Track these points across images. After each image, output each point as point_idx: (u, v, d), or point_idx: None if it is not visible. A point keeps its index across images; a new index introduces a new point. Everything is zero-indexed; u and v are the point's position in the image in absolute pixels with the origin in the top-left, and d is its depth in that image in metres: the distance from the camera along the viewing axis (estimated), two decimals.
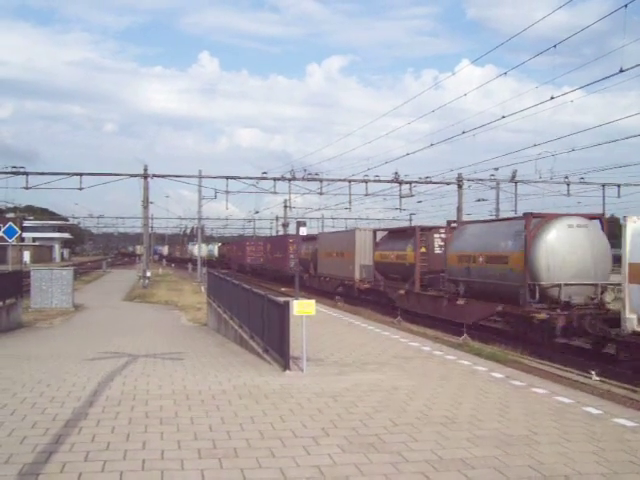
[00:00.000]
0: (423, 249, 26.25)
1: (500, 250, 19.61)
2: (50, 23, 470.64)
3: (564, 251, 17.93)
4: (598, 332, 16.28)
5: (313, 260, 39.59)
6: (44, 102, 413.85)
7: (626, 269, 14.50)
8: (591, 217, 19.25)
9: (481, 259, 20.55)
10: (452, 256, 22.61)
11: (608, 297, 16.97)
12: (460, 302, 21.68)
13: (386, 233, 31.66)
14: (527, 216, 18.94)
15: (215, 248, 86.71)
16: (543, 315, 17.42)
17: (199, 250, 58.66)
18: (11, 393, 8.56)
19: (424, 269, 25.85)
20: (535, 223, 18.48)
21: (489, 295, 20.19)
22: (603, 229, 18.80)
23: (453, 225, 24.67)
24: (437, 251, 25.93)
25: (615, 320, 15.18)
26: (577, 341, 17.91)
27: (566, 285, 17.59)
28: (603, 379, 13.80)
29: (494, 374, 10.13)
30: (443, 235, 25.49)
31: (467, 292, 21.68)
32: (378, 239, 30.92)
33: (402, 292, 26.97)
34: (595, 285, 17.73)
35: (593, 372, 14.08)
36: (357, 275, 32.22)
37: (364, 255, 31.85)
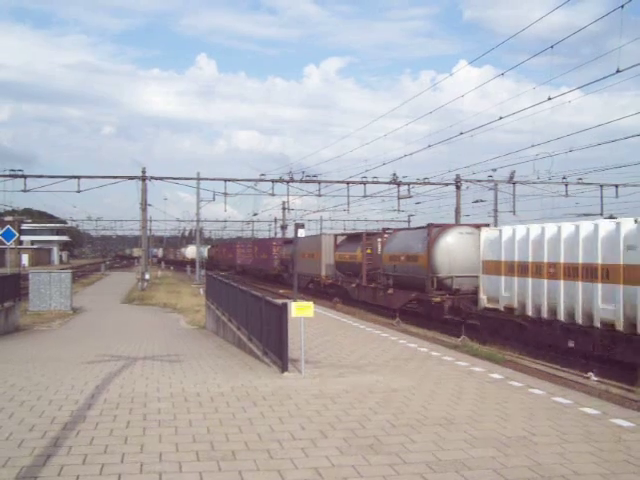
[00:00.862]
0: (369, 251, 31.53)
1: (414, 251, 25.74)
2: (48, 26, 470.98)
3: (455, 252, 23.71)
4: (468, 310, 21.74)
5: (291, 260, 44.65)
6: (42, 105, 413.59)
7: (481, 264, 20.40)
8: (478, 226, 23.91)
9: (403, 258, 26.73)
10: (385, 256, 28.59)
11: None
12: (390, 292, 27.63)
13: (344, 237, 37.57)
14: (429, 226, 25.38)
15: (205, 250, 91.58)
16: (438, 299, 23.36)
17: (198, 252, 58.61)
18: (9, 396, 8.56)
19: (369, 267, 31.04)
20: (435, 231, 24.62)
21: (408, 286, 26.15)
22: None
23: (387, 231, 30.86)
24: (379, 252, 30.39)
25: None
26: (472, 320, 21.94)
27: (456, 277, 23.42)
28: (600, 379, 13.83)
29: (492, 375, 10.15)
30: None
31: (395, 284, 27.43)
32: (338, 242, 36.80)
33: (354, 285, 32.64)
34: (478, 277, 21.74)
35: (591, 373, 14.11)
36: (323, 272, 38.11)
37: (328, 256, 37.58)
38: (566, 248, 16.33)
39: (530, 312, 17.75)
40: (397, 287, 26.99)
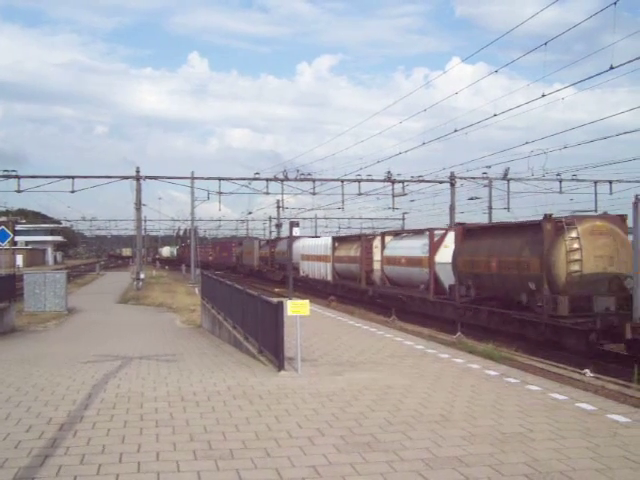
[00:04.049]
0: (273, 250, 53.84)
1: (285, 249, 45.20)
2: (38, 25, 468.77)
3: (305, 250, 42.79)
4: (300, 279, 42.86)
5: (241, 256, 69.06)
6: (34, 105, 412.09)
7: (301, 256, 42.45)
8: (318, 237, 49.00)
9: (282, 253, 48.74)
10: (277, 252, 52.27)
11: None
12: (278, 272, 50.99)
13: (265, 242, 62.37)
14: (290, 237, 40.17)
15: (175, 250, 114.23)
16: (295, 275, 38.59)
17: (194, 251, 58.45)
18: (5, 397, 8.54)
19: (272, 259, 54.35)
20: (294, 239, 40.25)
21: (283, 268, 46.12)
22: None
23: (279, 238, 54.81)
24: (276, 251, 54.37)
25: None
26: (301, 282, 43.34)
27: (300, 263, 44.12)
28: (596, 375, 13.86)
29: (488, 372, 10.18)
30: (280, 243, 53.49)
31: (279, 268, 50.64)
32: (261, 245, 61.40)
33: (266, 270, 56.18)
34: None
35: (587, 370, 14.13)
36: (255, 263, 61.12)
37: (257, 253, 60.99)
38: (316, 248, 40.08)
39: (311, 276, 41.11)
40: (280, 270, 49.86)
